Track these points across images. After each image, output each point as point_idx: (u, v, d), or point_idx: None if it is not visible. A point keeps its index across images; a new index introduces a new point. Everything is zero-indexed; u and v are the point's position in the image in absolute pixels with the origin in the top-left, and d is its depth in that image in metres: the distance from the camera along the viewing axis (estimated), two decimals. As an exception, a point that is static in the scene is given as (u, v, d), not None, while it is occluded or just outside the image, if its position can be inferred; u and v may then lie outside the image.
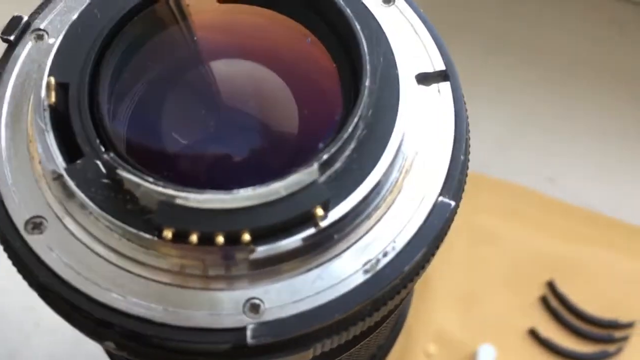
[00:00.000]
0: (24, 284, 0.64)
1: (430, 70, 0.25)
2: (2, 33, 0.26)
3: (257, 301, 0.21)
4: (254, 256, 0.21)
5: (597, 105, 0.71)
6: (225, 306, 0.21)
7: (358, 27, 0.24)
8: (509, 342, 0.59)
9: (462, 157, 0.24)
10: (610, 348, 0.59)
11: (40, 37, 0.26)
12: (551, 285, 0.61)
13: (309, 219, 0.21)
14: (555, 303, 0.60)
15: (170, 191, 0.20)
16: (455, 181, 0.24)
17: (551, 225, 0.64)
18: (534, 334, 0.59)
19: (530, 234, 0.63)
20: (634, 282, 0.61)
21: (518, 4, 0.76)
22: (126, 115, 0.25)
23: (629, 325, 0.59)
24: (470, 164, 0.69)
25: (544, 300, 0.60)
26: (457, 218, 0.67)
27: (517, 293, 0.61)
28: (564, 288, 0.61)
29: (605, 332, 0.59)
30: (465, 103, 0.26)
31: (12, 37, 0.26)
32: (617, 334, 0.59)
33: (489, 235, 0.63)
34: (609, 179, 0.68)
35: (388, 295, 0.22)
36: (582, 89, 0.72)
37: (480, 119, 0.70)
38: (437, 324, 0.59)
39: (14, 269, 0.65)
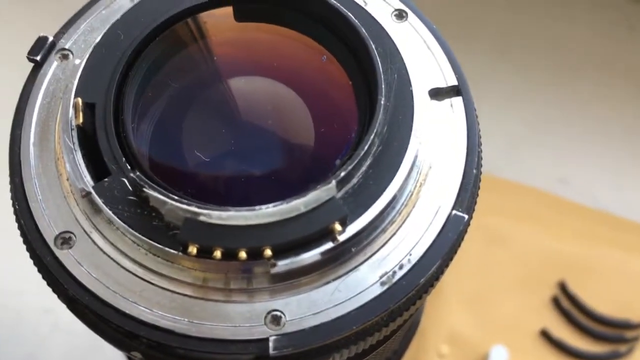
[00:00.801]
0: (40, 286, 0.65)
1: (443, 85, 0.26)
2: (29, 53, 0.26)
3: (278, 313, 0.22)
4: (274, 270, 0.22)
5: (608, 106, 0.72)
6: (246, 318, 0.22)
7: (372, 45, 0.24)
8: (521, 343, 0.59)
9: (474, 171, 0.25)
10: (622, 348, 0.59)
11: (65, 57, 0.27)
12: (563, 286, 0.61)
13: (327, 234, 0.22)
14: (567, 304, 0.61)
15: (194, 208, 0.21)
16: (468, 194, 0.24)
17: (562, 226, 0.64)
18: (545, 335, 0.59)
19: (542, 235, 0.64)
20: (645, 281, 0.62)
21: (528, 7, 0.77)
22: (148, 133, 0.26)
23: (639, 326, 0.60)
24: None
25: (556, 301, 0.61)
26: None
27: (529, 294, 0.61)
28: (575, 288, 0.61)
29: (616, 332, 0.60)
30: (477, 117, 0.26)
31: (38, 57, 0.26)
32: (629, 334, 0.60)
33: (501, 236, 0.64)
34: (620, 180, 0.68)
35: (404, 306, 0.23)
36: (593, 89, 0.72)
37: (492, 121, 0.70)
38: (450, 325, 0.60)
39: (30, 271, 0.66)
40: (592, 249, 0.63)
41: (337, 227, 0.22)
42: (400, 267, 0.23)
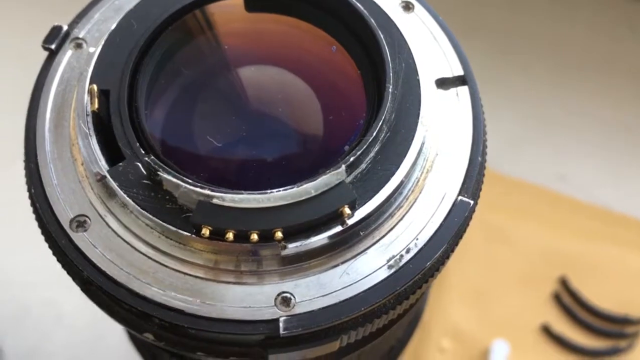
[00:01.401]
0: (45, 279, 0.66)
1: (449, 75, 0.26)
2: (44, 42, 0.27)
3: (288, 295, 0.23)
4: (285, 253, 0.22)
5: (608, 104, 0.72)
6: (258, 300, 0.23)
7: (381, 35, 0.25)
8: (522, 338, 0.60)
9: (479, 159, 0.25)
10: (622, 343, 0.60)
11: (79, 46, 0.27)
12: (563, 282, 0.62)
13: (336, 218, 0.22)
14: (568, 299, 0.61)
15: (207, 191, 0.22)
16: (474, 181, 0.25)
17: (563, 223, 0.65)
18: (546, 330, 0.60)
19: (543, 231, 0.64)
20: (645, 277, 0.62)
21: (530, 6, 0.77)
22: (161, 119, 0.26)
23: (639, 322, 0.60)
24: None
25: (557, 297, 0.61)
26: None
27: (530, 290, 0.62)
28: (576, 284, 0.61)
29: (616, 327, 0.60)
30: (482, 106, 0.27)
31: (53, 46, 0.27)
32: (629, 329, 0.60)
33: (503, 233, 0.64)
34: (619, 176, 0.69)
35: (410, 289, 0.23)
36: (593, 87, 0.73)
37: (493, 119, 0.70)
38: (452, 320, 0.60)
39: (34, 265, 0.66)
40: (592, 246, 0.63)
41: (347, 210, 0.22)
42: (407, 251, 0.23)
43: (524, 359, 0.59)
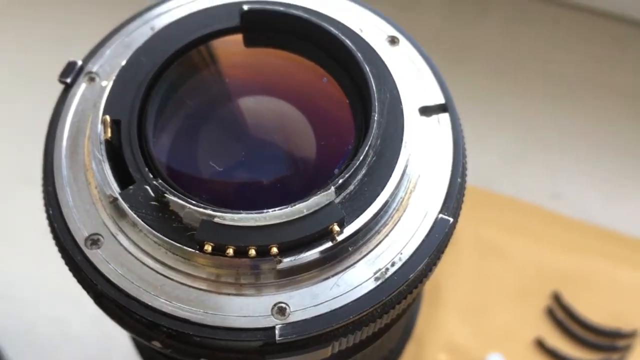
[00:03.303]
0: (51, 297, 0.68)
1: (431, 103, 0.29)
2: (60, 76, 0.30)
3: (283, 305, 0.25)
4: (280, 266, 0.25)
5: (600, 123, 0.74)
6: (255, 309, 0.25)
7: (367, 68, 0.27)
8: (516, 352, 0.61)
9: (459, 180, 0.27)
10: (614, 356, 0.61)
11: (92, 80, 0.30)
12: (556, 297, 0.63)
13: (327, 234, 0.24)
14: (561, 314, 0.63)
15: (210, 211, 0.24)
16: (454, 200, 0.27)
17: (556, 240, 0.66)
18: (540, 344, 0.61)
19: (536, 247, 0.66)
20: (637, 292, 0.64)
21: (522, 28, 0.80)
22: (167, 146, 0.28)
23: (631, 335, 0.62)
24: (478, 181, 0.72)
25: (550, 311, 0.63)
26: (465, 233, 0.70)
27: (524, 304, 0.63)
28: (568, 299, 0.63)
29: (608, 341, 0.62)
30: (462, 131, 0.29)
31: (68, 80, 0.29)
32: (620, 342, 0.61)
33: (497, 249, 0.66)
34: (610, 195, 0.70)
35: (396, 299, 0.26)
36: (586, 107, 0.75)
37: (488, 138, 0.73)
38: (448, 334, 0.62)
39: (41, 283, 0.68)
40: (584, 261, 0.65)
41: (336, 228, 0.24)
42: (393, 264, 0.26)
43: (518, 372, 0.60)
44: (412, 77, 0.29)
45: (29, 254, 0.67)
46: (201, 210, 0.24)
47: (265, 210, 0.24)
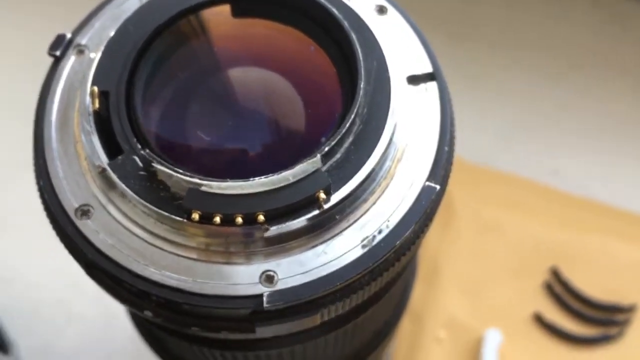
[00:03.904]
0: (53, 279, 0.69)
1: (418, 72, 0.29)
2: (50, 49, 0.30)
3: (271, 273, 0.25)
4: (267, 234, 0.25)
5: (600, 99, 0.74)
6: (244, 277, 0.25)
7: (354, 36, 0.27)
8: (515, 326, 0.62)
9: (446, 148, 0.27)
10: (612, 331, 0.61)
11: (81, 52, 0.30)
12: (555, 272, 0.64)
13: (313, 202, 0.25)
14: (559, 289, 0.63)
15: (197, 180, 0.24)
16: (441, 168, 0.27)
17: (554, 215, 0.66)
18: (538, 319, 0.62)
19: (535, 223, 0.66)
20: (635, 267, 0.64)
21: (523, 5, 0.79)
22: (156, 117, 0.29)
23: (629, 309, 0.62)
24: (476, 157, 0.72)
25: (548, 286, 0.63)
26: (464, 209, 0.70)
27: (522, 280, 0.64)
28: (567, 274, 0.63)
29: (607, 315, 0.62)
30: (450, 100, 0.29)
31: (57, 53, 0.30)
32: (619, 317, 0.62)
33: (495, 225, 0.66)
34: (609, 170, 0.70)
35: (383, 266, 0.26)
36: (585, 83, 0.75)
37: (487, 114, 0.73)
38: (446, 310, 0.62)
39: (43, 265, 0.69)
40: (583, 237, 0.65)
41: (322, 195, 0.25)
42: (380, 232, 0.26)
43: (517, 347, 0.61)
44: (399, 46, 0.29)
45: (31, 237, 0.67)
46: (188, 178, 0.24)
47: (251, 178, 0.24)
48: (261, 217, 0.24)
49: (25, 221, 0.68)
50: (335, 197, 0.25)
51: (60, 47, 0.30)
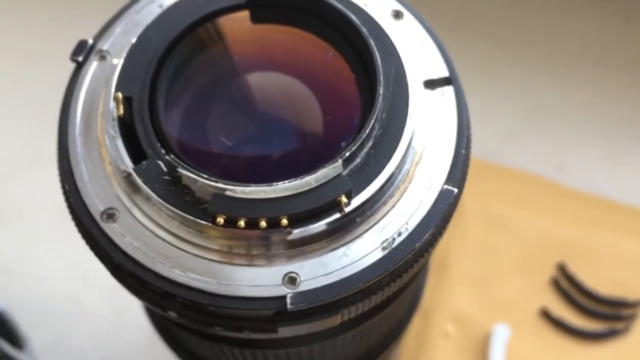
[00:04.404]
0: (64, 274, 0.70)
1: (435, 76, 0.29)
2: (72, 55, 0.30)
3: (294, 275, 0.26)
4: (290, 237, 0.25)
5: (604, 96, 0.74)
6: (267, 279, 0.26)
7: (372, 42, 0.28)
8: (522, 322, 0.62)
9: (463, 151, 0.28)
10: (619, 325, 0.62)
11: (103, 58, 0.30)
12: (562, 267, 0.64)
13: (335, 206, 0.25)
14: (566, 284, 0.64)
15: (221, 185, 0.25)
16: (458, 171, 0.28)
17: (560, 211, 0.67)
18: (545, 314, 0.62)
19: (541, 219, 0.67)
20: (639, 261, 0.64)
21: (527, 1, 0.79)
22: (178, 121, 0.29)
23: (636, 304, 0.63)
24: (483, 154, 0.73)
25: (555, 282, 0.64)
26: (472, 206, 0.71)
27: (530, 275, 0.64)
28: (573, 270, 0.64)
29: (613, 310, 0.63)
30: (466, 104, 0.30)
31: (80, 58, 0.30)
32: (625, 312, 0.62)
33: (502, 221, 0.67)
34: (615, 166, 0.71)
35: (402, 268, 0.26)
36: (590, 79, 0.75)
37: (493, 110, 0.73)
38: (455, 306, 0.63)
39: (54, 260, 0.70)
40: (589, 232, 0.66)
41: (344, 199, 0.25)
42: (399, 234, 0.26)
43: (524, 342, 0.62)
44: (416, 51, 0.30)
45: (41, 232, 0.68)
46: (213, 183, 0.25)
47: (274, 183, 0.25)
48: (284, 221, 0.25)
49: (37, 216, 0.69)
50: (356, 201, 0.26)
51: (82, 52, 0.30)
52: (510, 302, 0.63)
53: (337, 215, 0.25)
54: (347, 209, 0.25)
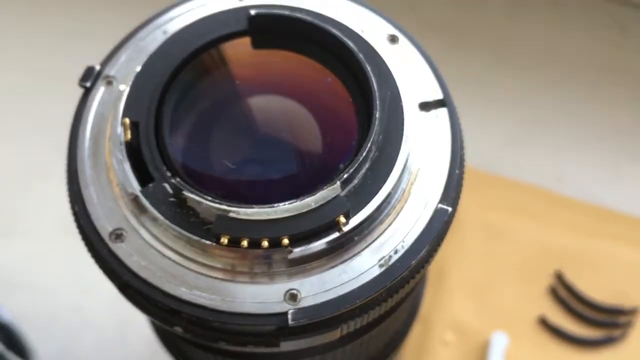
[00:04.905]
0: (69, 287, 0.71)
1: (430, 99, 0.31)
2: (81, 80, 0.31)
3: (295, 291, 0.27)
4: (291, 256, 0.27)
5: (601, 106, 0.75)
6: (269, 296, 0.27)
7: (368, 67, 0.29)
8: (520, 330, 0.63)
9: (457, 171, 0.29)
10: (616, 332, 0.63)
11: (110, 83, 0.31)
12: (559, 276, 0.65)
13: (334, 226, 0.26)
14: (564, 292, 0.65)
15: (225, 207, 0.26)
16: (452, 190, 0.29)
17: (558, 220, 0.68)
18: (543, 322, 0.63)
19: (539, 228, 0.67)
20: (638, 270, 0.65)
21: (523, 13, 0.81)
22: (182, 145, 0.30)
23: (632, 312, 0.63)
24: (481, 164, 0.74)
25: (553, 290, 0.65)
26: (470, 215, 0.72)
27: (528, 284, 0.65)
28: (571, 278, 0.65)
29: (610, 318, 0.63)
30: (460, 124, 0.31)
31: (88, 84, 0.31)
32: (622, 319, 0.63)
33: (500, 230, 0.67)
34: (612, 176, 0.72)
35: (399, 284, 0.27)
36: (587, 90, 0.76)
37: (491, 121, 0.74)
38: (453, 314, 0.64)
39: (61, 273, 0.71)
40: (587, 241, 0.67)
41: (342, 219, 0.26)
42: (396, 252, 0.27)
43: (522, 349, 0.62)
44: (411, 74, 0.31)
45: (47, 246, 0.70)
46: (217, 205, 0.26)
47: (276, 205, 0.26)
48: (285, 241, 0.26)
49: (41, 229, 0.70)
50: (354, 221, 0.27)
51: (90, 78, 0.31)
52: (509, 310, 0.64)
53: (336, 235, 0.27)
54: (345, 229, 0.27)
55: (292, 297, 0.27)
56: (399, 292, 0.28)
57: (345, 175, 0.27)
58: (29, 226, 0.71)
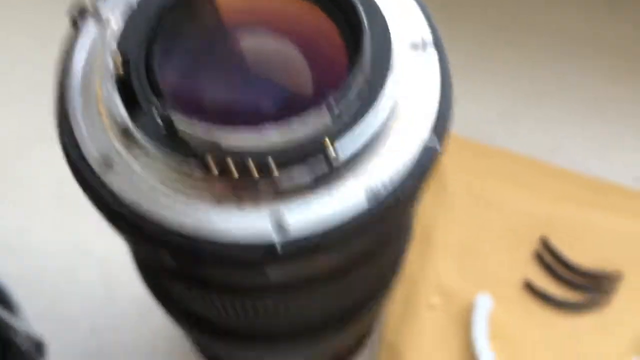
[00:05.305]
0: (59, 248, 0.70)
1: (419, 39, 0.31)
2: (69, 15, 0.31)
3: (282, 219, 0.27)
4: (280, 184, 0.27)
5: (593, 79, 0.76)
6: (257, 224, 0.27)
7: (359, 6, 0.29)
8: (505, 292, 0.64)
9: (446, 108, 0.30)
10: (599, 297, 0.64)
11: (101, 19, 0.32)
12: (544, 241, 0.66)
13: (321, 153, 0.27)
14: (549, 257, 0.65)
15: (214, 134, 0.26)
16: (441, 128, 0.29)
17: (548, 190, 0.68)
18: (528, 286, 0.64)
19: (529, 198, 0.68)
20: (622, 238, 0.66)
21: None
22: (173, 78, 0.30)
23: (615, 276, 0.64)
24: (474, 135, 0.74)
25: (538, 255, 0.66)
26: (458, 181, 0.72)
27: (513, 249, 0.66)
28: (557, 244, 0.65)
29: (594, 282, 0.64)
30: (449, 66, 0.31)
31: (77, 20, 0.31)
32: (606, 285, 0.64)
33: (489, 198, 0.68)
34: (605, 146, 0.73)
35: (385, 214, 0.28)
36: (579, 64, 0.77)
37: (485, 92, 0.75)
38: (439, 278, 0.64)
39: (50, 235, 0.71)
40: (575, 210, 0.67)
41: (330, 147, 0.27)
42: (383, 184, 0.28)
43: (507, 313, 0.63)
44: (401, 15, 0.31)
45: (40, 208, 0.70)
46: (207, 132, 0.26)
47: (264, 130, 0.26)
48: (273, 167, 0.26)
49: (36, 192, 0.70)
50: (342, 152, 0.27)
51: (79, 14, 0.31)
52: (494, 274, 0.65)
53: (323, 163, 0.27)
54: (333, 157, 0.27)
55: (280, 225, 0.27)
56: (385, 225, 0.28)
57: (333, 104, 0.27)
58: (22, 190, 0.71)
